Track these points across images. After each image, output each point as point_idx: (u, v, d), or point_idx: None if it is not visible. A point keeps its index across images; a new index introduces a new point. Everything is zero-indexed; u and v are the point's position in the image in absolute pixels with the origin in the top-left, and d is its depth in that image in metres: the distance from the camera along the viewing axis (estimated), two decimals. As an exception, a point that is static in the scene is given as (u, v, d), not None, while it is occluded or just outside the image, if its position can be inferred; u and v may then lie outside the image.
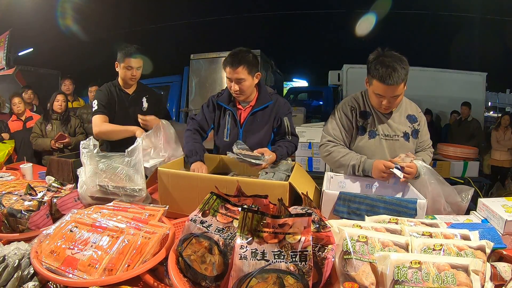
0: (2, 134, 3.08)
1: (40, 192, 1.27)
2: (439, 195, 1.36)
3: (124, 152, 1.39)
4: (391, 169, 1.41)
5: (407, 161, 1.41)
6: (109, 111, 2.00)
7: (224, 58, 1.70)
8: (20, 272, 0.84)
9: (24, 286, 0.82)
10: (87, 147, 1.34)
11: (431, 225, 0.93)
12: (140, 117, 1.96)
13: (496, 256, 0.97)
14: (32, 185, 1.31)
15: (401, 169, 1.39)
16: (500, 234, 1.07)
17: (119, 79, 2.09)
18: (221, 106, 1.78)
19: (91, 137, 1.39)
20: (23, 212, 1.10)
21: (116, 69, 2.05)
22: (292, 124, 1.80)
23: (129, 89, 2.12)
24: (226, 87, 1.79)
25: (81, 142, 1.36)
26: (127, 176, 1.31)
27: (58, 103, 3.14)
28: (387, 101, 1.45)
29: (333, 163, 1.60)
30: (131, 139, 1.66)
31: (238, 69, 1.60)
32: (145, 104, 2.13)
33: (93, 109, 1.99)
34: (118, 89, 2.08)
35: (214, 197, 0.87)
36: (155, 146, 1.73)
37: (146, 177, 1.42)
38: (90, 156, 1.33)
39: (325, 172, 1.55)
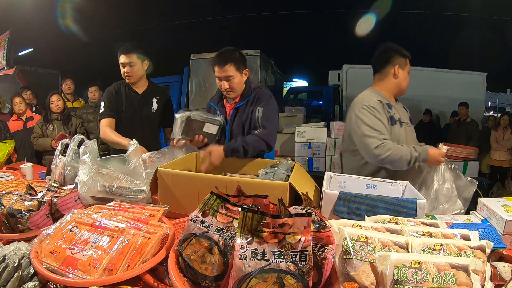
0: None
1: (40, 192, 1.27)
2: (456, 194, 1.43)
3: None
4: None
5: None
6: (115, 113, 1.97)
7: None
8: (20, 272, 0.84)
9: (24, 286, 0.82)
10: (88, 147, 1.34)
11: (431, 225, 0.93)
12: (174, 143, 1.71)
13: (496, 256, 0.97)
14: (32, 185, 1.31)
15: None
16: (500, 234, 1.08)
17: None
18: (210, 107, 1.86)
19: (94, 139, 1.40)
20: (23, 212, 1.10)
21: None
22: (266, 114, 1.70)
23: (139, 88, 2.06)
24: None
25: (83, 142, 1.37)
26: (130, 176, 1.31)
27: (54, 104, 3.15)
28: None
29: (395, 161, 1.51)
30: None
31: (225, 67, 1.66)
32: (154, 105, 2.08)
33: (100, 111, 1.97)
34: (128, 88, 2.04)
35: (214, 197, 0.87)
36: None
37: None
38: (92, 156, 1.33)
39: (325, 172, 1.55)
